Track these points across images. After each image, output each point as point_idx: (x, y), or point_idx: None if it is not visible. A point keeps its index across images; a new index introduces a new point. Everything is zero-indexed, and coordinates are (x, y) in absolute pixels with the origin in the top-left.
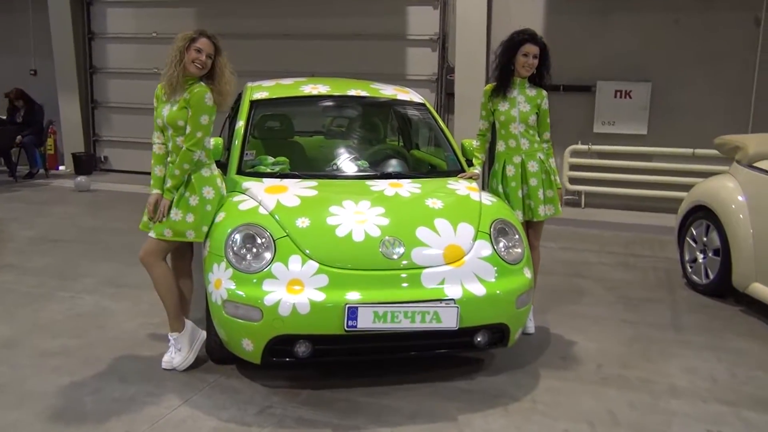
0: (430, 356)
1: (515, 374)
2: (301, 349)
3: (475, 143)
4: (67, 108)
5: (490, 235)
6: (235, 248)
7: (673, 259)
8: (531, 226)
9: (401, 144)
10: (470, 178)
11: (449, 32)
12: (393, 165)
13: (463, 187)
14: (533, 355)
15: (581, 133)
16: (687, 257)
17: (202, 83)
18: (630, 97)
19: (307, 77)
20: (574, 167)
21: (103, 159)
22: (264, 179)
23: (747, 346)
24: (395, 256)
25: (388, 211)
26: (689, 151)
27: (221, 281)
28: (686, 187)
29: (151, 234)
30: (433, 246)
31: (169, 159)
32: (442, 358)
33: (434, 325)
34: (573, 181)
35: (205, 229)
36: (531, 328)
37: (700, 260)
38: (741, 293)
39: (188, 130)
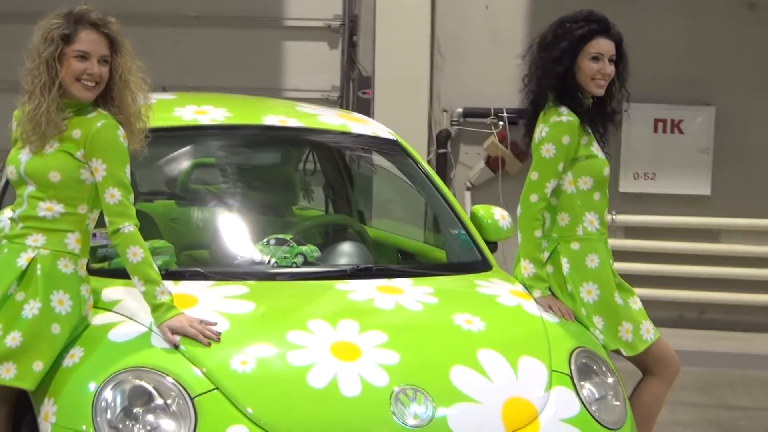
0: None
1: None
2: None
3: (537, 234)
4: None
5: (571, 377)
6: (111, 416)
7: None
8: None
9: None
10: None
11: (360, 15)
12: (356, 253)
13: (505, 290)
14: None
15: None
16: None
17: (100, 110)
18: (680, 132)
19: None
20: None
21: None
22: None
23: None
24: (418, 421)
25: (394, 339)
26: None
27: None
28: None
29: None
30: (484, 400)
31: (4, 235)
32: None
33: None
34: None
35: (37, 369)
36: None
37: None
38: None
39: (117, 196)
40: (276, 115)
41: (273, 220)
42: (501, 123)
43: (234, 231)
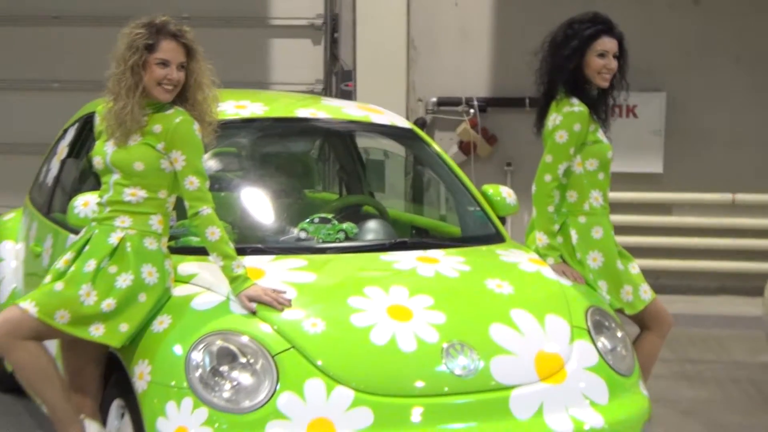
0: None
1: None
2: None
3: (549, 209)
4: None
5: (588, 332)
6: (201, 374)
7: (749, 363)
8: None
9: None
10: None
11: (341, 14)
12: (385, 229)
13: (524, 258)
14: None
15: None
16: None
17: (177, 107)
18: (635, 116)
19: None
20: None
21: None
22: (211, 258)
23: None
24: (465, 372)
25: (439, 302)
26: (727, 197)
27: (187, 430)
28: (725, 254)
29: (25, 306)
30: (519, 352)
31: (93, 218)
32: None
33: None
34: None
35: (123, 330)
36: None
37: None
38: None
39: (195, 183)
40: (307, 108)
41: (315, 202)
42: (472, 111)
43: (284, 211)
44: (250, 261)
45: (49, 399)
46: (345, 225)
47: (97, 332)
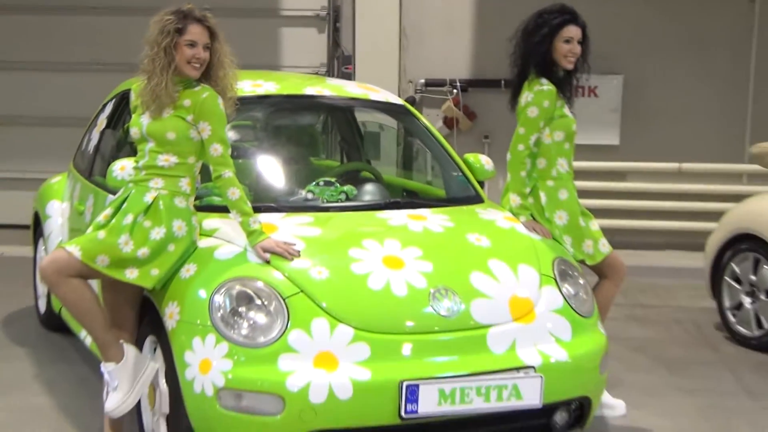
0: None
1: None
2: None
3: (522, 174)
4: None
5: (555, 279)
6: (222, 314)
7: (691, 307)
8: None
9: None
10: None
11: (342, 6)
12: (377, 191)
13: (500, 216)
14: None
15: None
16: (728, 303)
17: (204, 84)
18: (596, 96)
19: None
20: None
21: None
22: (231, 215)
23: None
24: (449, 313)
25: (427, 253)
26: (674, 166)
27: (211, 362)
28: (671, 215)
29: (71, 249)
30: (495, 296)
31: (130, 180)
32: None
33: (513, 404)
34: None
35: (154, 274)
36: (621, 408)
37: (748, 305)
38: None
39: (219, 150)
40: (314, 87)
41: (320, 168)
42: (455, 90)
43: (294, 175)
44: (264, 217)
45: (93, 328)
46: (346, 187)
47: (131, 275)
